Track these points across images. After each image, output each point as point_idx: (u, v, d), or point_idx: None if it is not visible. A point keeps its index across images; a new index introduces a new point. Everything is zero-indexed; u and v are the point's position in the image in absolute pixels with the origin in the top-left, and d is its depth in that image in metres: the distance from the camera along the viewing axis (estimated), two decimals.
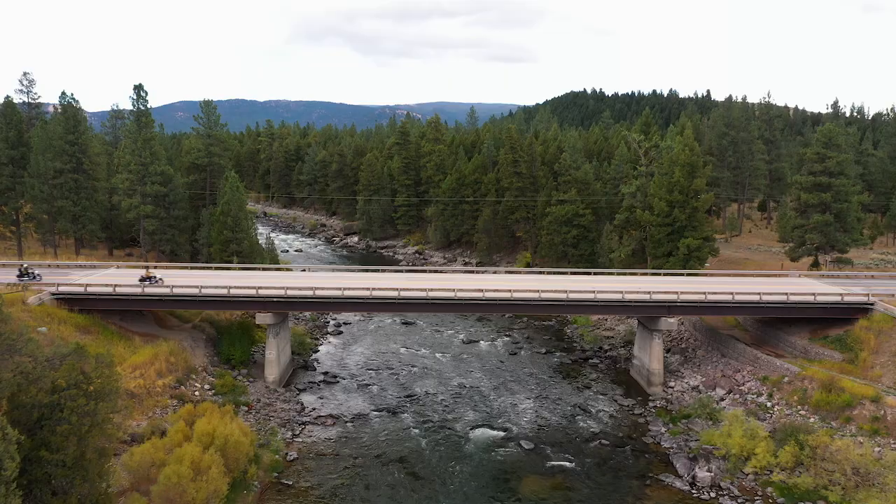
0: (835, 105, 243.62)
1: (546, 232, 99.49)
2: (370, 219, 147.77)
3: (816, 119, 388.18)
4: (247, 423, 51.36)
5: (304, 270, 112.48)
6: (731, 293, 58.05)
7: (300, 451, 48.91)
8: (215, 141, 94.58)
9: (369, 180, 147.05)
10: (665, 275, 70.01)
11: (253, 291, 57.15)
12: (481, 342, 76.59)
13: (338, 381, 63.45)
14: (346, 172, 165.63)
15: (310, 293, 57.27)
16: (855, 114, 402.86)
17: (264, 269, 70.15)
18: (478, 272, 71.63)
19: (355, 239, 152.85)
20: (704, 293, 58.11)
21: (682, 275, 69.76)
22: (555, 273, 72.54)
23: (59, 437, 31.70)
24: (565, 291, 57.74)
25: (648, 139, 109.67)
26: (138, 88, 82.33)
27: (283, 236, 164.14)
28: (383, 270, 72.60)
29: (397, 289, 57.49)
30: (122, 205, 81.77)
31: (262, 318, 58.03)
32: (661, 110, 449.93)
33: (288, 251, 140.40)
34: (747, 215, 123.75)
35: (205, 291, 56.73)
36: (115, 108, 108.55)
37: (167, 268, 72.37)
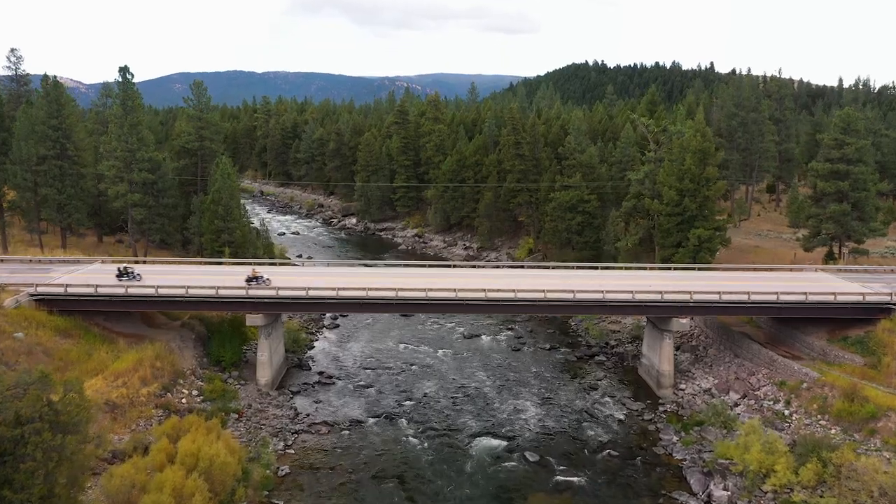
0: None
1: (550, 218, 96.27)
2: (368, 200, 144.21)
3: (821, 93, 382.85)
4: (236, 433, 48.93)
5: (300, 256, 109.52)
6: (747, 293, 55.08)
7: (293, 464, 46.30)
8: (206, 124, 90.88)
9: (367, 161, 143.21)
10: (676, 269, 66.94)
11: (242, 292, 54.16)
12: (483, 336, 73.83)
13: (333, 383, 60.73)
14: (343, 152, 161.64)
15: (303, 293, 54.28)
16: (860, 86, 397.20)
17: (257, 264, 66.92)
18: (479, 266, 68.47)
19: (353, 220, 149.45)
20: (719, 293, 55.12)
21: (693, 269, 66.72)
22: (560, 267, 69.44)
23: (23, 474, 28.94)
24: (572, 291, 54.78)
25: (656, 120, 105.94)
26: (124, 71, 78.46)
27: (279, 217, 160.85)
28: (380, 265, 69.39)
29: (395, 289, 54.49)
30: (108, 192, 78.42)
31: (253, 319, 55.05)
32: (664, 83, 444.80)
33: (284, 234, 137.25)
34: (756, 198, 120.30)
35: (192, 292, 53.74)
36: (106, 83, 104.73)
37: (154, 263, 69.50)
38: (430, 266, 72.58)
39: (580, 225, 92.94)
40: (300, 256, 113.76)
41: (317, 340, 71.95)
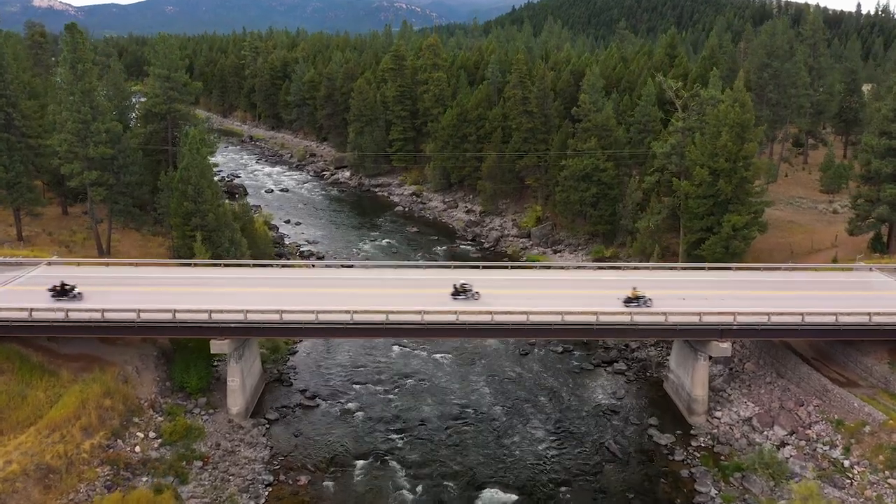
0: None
1: (561, 188, 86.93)
2: (362, 153, 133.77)
3: (839, 20, 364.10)
4: (199, 490, 41.68)
5: (287, 223, 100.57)
6: (801, 313, 46.58)
7: None
8: (175, 84, 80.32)
9: (361, 110, 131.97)
10: (710, 269, 58.35)
11: (205, 316, 45.73)
12: None
13: (317, 405, 53.01)
14: (335, 98, 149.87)
15: (276, 317, 45.91)
16: (880, 13, 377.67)
17: (225, 266, 58.34)
18: (487, 267, 59.36)
19: (347, 174, 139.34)
20: (768, 314, 46.75)
21: (730, 269, 58.22)
22: (577, 268, 60.83)
23: None
24: (595, 314, 46.39)
25: (676, 68, 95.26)
26: (72, 28, 67.85)
27: (268, 168, 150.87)
28: (365, 264, 60.71)
29: (386, 311, 46.12)
30: (62, 170, 69.03)
31: (219, 346, 46.88)
32: (673, 7, 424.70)
33: (273, 191, 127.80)
34: (783, 157, 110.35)
35: (144, 316, 45.35)
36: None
37: (109, 264, 60.92)
38: (425, 267, 63.67)
39: (595, 196, 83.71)
40: (288, 223, 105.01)
41: (300, 343, 63.99)
